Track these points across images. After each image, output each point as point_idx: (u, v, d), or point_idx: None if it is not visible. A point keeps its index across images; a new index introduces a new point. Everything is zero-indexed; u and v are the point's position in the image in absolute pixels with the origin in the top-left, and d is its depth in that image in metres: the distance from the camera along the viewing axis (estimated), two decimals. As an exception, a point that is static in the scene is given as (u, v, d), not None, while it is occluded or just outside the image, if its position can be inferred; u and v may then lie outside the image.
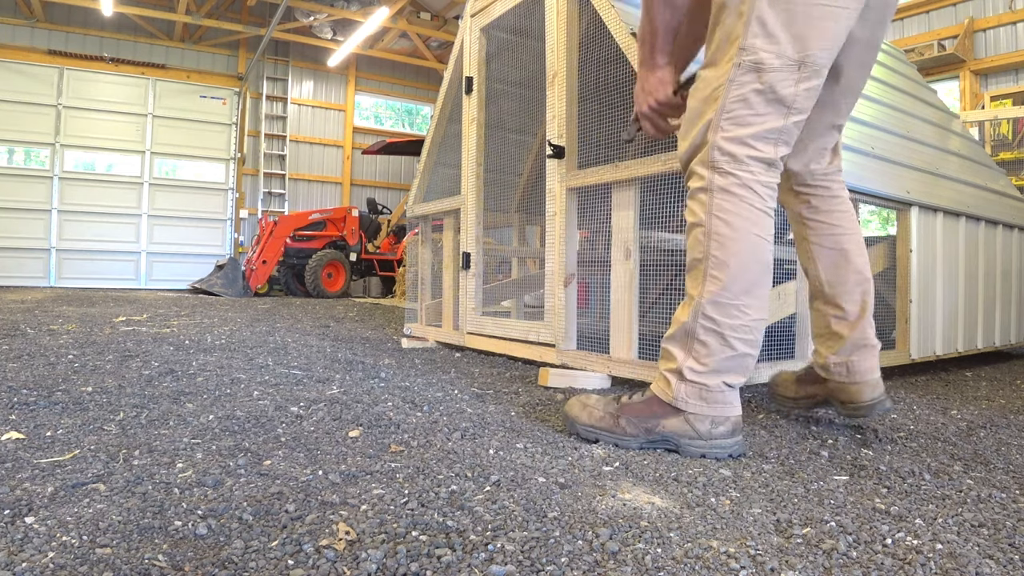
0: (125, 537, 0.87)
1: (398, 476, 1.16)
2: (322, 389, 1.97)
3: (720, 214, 1.33)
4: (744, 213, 1.32)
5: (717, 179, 1.33)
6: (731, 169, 1.32)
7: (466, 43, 3.02)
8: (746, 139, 1.32)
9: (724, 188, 1.33)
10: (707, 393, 1.35)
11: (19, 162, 9.90)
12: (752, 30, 1.29)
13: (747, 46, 1.30)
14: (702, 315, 1.34)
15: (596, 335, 2.38)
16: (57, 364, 2.26)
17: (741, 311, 1.34)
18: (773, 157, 1.34)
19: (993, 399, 2.15)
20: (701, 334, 1.34)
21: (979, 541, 0.92)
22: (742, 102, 1.31)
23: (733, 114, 1.32)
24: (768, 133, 1.33)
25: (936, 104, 3.46)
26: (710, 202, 1.34)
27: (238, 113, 11.16)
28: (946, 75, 6.92)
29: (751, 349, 1.36)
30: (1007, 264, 3.13)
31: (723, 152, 1.33)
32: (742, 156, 1.32)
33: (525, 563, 0.82)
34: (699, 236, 1.36)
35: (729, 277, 1.32)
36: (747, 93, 1.31)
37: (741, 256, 1.32)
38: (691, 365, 1.35)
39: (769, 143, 1.33)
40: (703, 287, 1.34)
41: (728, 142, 1.32)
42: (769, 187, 1.35)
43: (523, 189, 3.63)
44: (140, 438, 1.37)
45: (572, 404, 1.49)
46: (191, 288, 9.01)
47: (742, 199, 1.32)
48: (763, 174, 1.34)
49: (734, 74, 1.32)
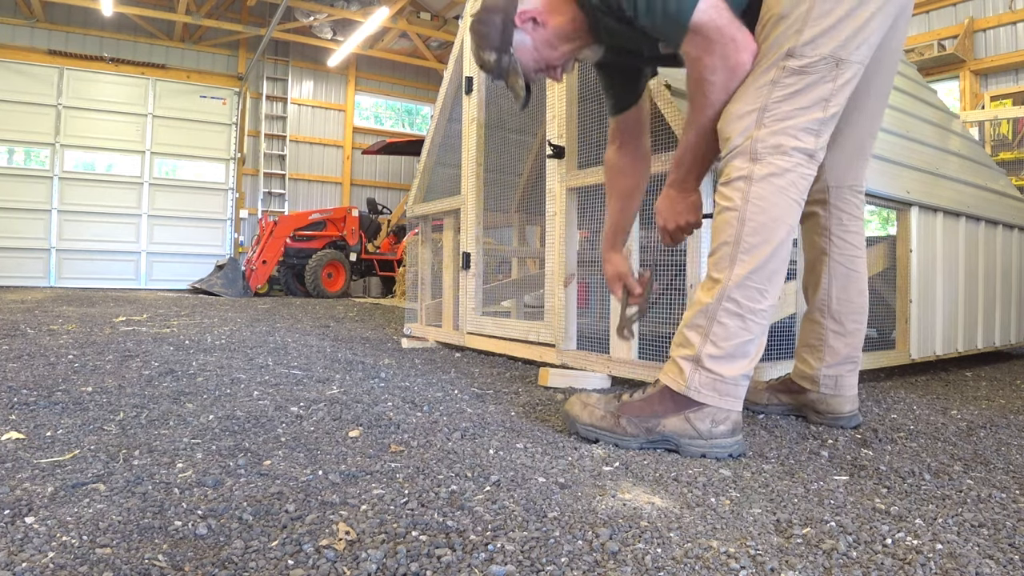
0: (125, 537, 0.87)
1: (398, 476, 1.16)
2: (322, 389, 1.97)
3: (758, 200, 1.34)
4: (781, 203, 1.35)
5: (758, 169, 1.35)
6: (774, 159, 1.35)
7: (466, 43, 3.02)
8: (789, 130, 1.35)
9: (765, 177, 1.35)
10: (721, 385, 1.35)
11: (19, 162, 9.90)
12: (804, 37, 1.34)
13: (796, 52, 1.35)
14: (727, 297, 1.35)
15: (596, 335, 2.38)
16: (57, 364, 2.26)
17: (763, 295, 1.36)
18: (814, 148, 1.37)
19: (993, 399, 2.15)
20: (723, 316, 1.35)
21: (979, 541, 0.92)
22: (785, 100, 1.35)
23: (777, 111, 1.35)
24: (810, 124, 1.36)
25: (936, 104, 3.46)
26: (748, 189, 1.35)
27: (238, 113, 11.16)
28: (946, 75, 6.92)
29: (763, 334, 1.39)
30: (1007, 264, 3.13)
31: (766, 144, 1.35)
32: (787, 147, 1.35)
33: (525, 563, 0.82)
34: (731, 220, 1.37)
35: (759, 262, 1.34)
36: (790, 93, 1.35)
37: (773, 243, 1.35)
38: (709, 351, 1.36)
39: (811, 134, 1.36)
40: (731, 270, 1.35)
41: (772, 135, 1.35)
42: (806, 179, 1.38)
43: (523, 189, 3.63)
44: (140, 438, 1.37)
45: (572, 403, 1.50)
46: (191, 288, 9.01)
47: (782, 190, 1.35)
48: (804, 165, 1.37)
49: (777, 76, 1.36)
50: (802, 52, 1.34)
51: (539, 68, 1.58)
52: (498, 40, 1.51)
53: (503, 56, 1.52)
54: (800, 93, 1.35)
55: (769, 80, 1.36)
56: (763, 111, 1.36)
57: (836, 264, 1.67)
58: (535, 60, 1.55)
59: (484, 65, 1.57)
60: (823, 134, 1.38)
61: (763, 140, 1.35)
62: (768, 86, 1.36)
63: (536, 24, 1.52)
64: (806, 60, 1.34)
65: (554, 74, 1.61)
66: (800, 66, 1.34)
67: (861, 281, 1.68)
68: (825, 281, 1.68)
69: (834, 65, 1.35)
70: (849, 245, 1.67)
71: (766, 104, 1.36)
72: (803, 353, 1.73)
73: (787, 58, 1.35)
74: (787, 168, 1.35)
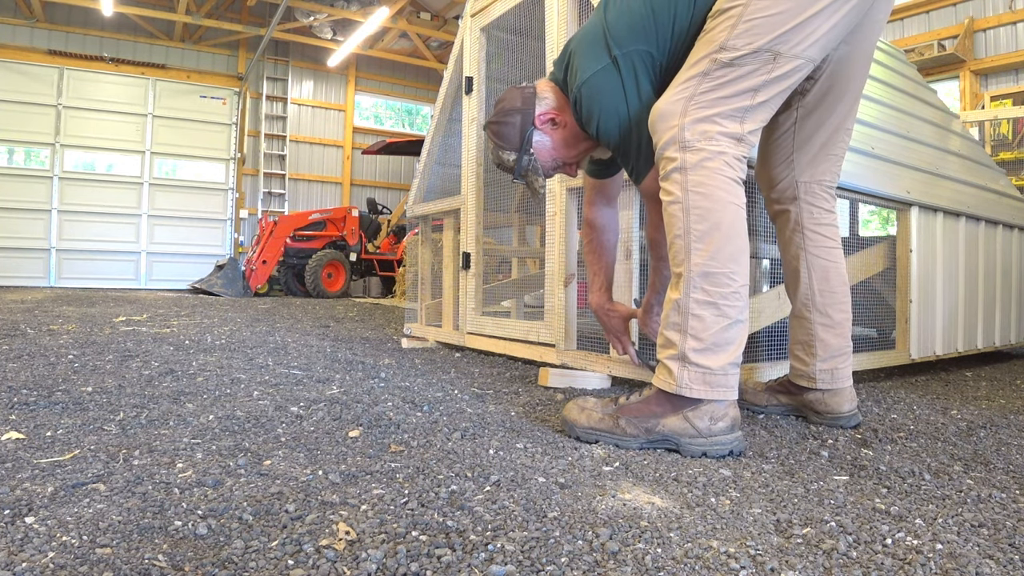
0: (125, 537, 0.87)
1: (398, 476, 1.16)
2: (322, 389, 1.97)
3: (696, 188, 1.35)
4: (720, 184, 1.35)
5: (689, 156, 1.36)
6: (702, 145, 1.36)
7: (466, 43, 3.02)
8: (713, 117, 1.36)
9: (697, 164, 1.36)
10: (711, 377, 1.35)
11: (19, 162, 9.90)
12: (737, 31, 1.35)
13: (728, 45, 1.36)
14: (693, 287, 1.35)
15: (596, 335, 2.38)
16: (57, 364, 2.26)
17: (730, 278, 1.36)
18: (740, 132, 1.38)
19: (993, 399, 2.14)
20: (695, 308, 1.35)
21: (979, 541, 0.92)
22: (711, 91, 1.37)
23: (702, 100, 1.37)
24: (734, 112, 1.37)
25: (936, 104, 3.46)
26: (684, 180, 1.36)
27: (238, 113, 11.16)
28: (946, 75, 6.92)
29: (743, 316, 1.39)
30: (1007, 264, 3.13)
31: (693, 131, 1.36)
32: (712, 132, 1.36)
33: (525, 563, 0.82)
34: (676, 212, 1.38)
35: (715, 247, 1.35)
36: (717, 84, 1.37)
37: (723, 225, 1.35)
38: (691, 345, 1.36)
39: (735, 120, 1.37)
40: (689, 261, 1.36)
41: (696, 122, 1.36)
42: (739, 159, 1.39)
43: (523, 189, 3.63)
44: (140, 438, 1.37)
45: (570, 408, 1.49)
46: (191, 288, 9.01)
47: (716, 171, 1.35)
48: (732, 148, 1.37)
49: (708, 68, 1.37)
50: (733, 45, 1.35)
51: (556, 166, 1.64)
52: (518, 140, 1.57)
53: (523, 156, 1.57)
54: (727, 84, 1.36)
55: (700, 72, 1.38)
56: (689, 100, 1.37)
57: (813, 257, 1.68)
58: (553, 159, 1.61)
59: (503, 164, 1.61)
60: (748, 120, 1.38)
61: (689, 128, 1.36)
62: (698, 78, 1.38)
63: (555, 124, 1.58)
64: (737, 53, 1.35)
65: (570, 171, 1.67)
66: (731, 59, 1.35)
67: (841, 271, 1.69)
68: (805, 276, 1.68)
69: (771, 59, 1.35)
70: (823, 237, 1.68)
71: (693, 95, 1.38)
72: (796, 351, 1.73)
73: (720, 51, 1.36)
74: (717, 151, 1.36)
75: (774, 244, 2.34)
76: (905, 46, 6.93)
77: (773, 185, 1.72)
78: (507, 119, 1.58)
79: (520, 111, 1.57)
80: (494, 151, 1.62)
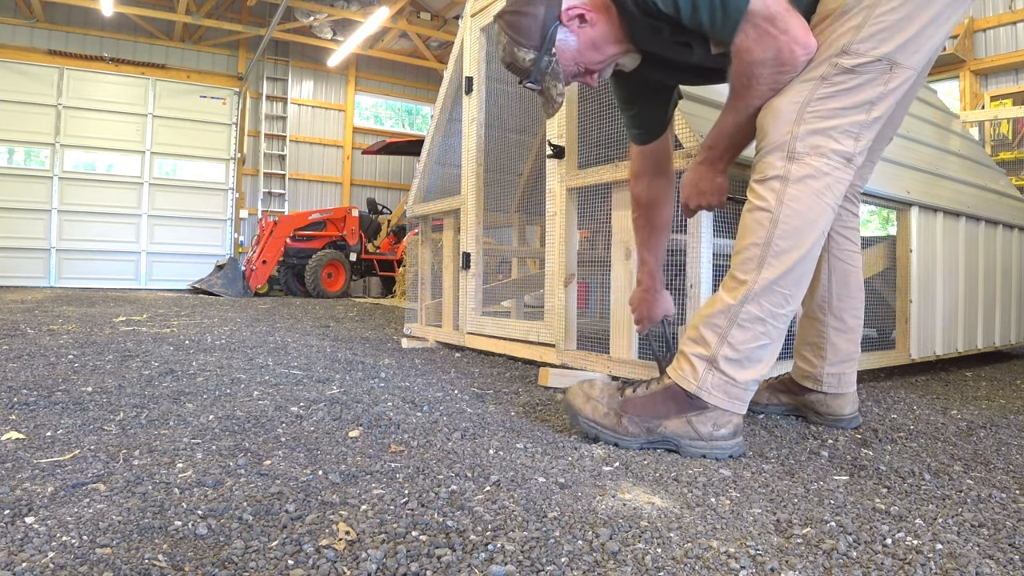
0: (125, 537, 0.87)
1: (398, 476, 1.16)
2: (322, 389, 1.97)
3: (793, 203, 1.29)
4: (816, 207, 1.30)
5: (795, 169, 1.29)
6: (811, 160, 1.29)
7: (466, 43, 3.02)
8: (828, 131, 1.30)
9: (802, 178, 1.29)
10: (732, 388, 1.34)
11: (19, 162, 9.89)
12: (862, 34, 1.28)
13: (852, 49, 1.29)
14: (752, 300, 1.31)
15: (596, 335, 2.38)
16: (57, 364, 2.26)
17: (787, 301, 1.32)
18: (853, 152, 1.32)
19: (993, 399, 2.14)
20: (744, 319, 1.31)
21: (979, 541, 0.92)
22: (829, 98, 1.30)
23: (819, 108, 1.30)
24: (851, 127, 1.31)
25: (936, 104, 3.46)
26: (783, 190, 1.30)
27: (238, 113, 11.16)
28: (946, 75, 6.92)
29: (780, 340, 1.36)
30: (1007, 264, 3.13)
31: (805, 143, 1.30)
32: (825, 148, 1.30)
33: (525, 563, 0.82)
34: (763, 221, 1.31)
35: (788, 267, 1.30)
36: (836, 92, 1.29)
37: (803, 248, 1.31)
38: (726, 353, 1.32)
39: (851, 137, 1.31)
40: (758, 273, 1.31)
41: (812, 134, 1.30)
42: (842, 184, 1.33)
43: (523, 189, 3.63)
44: (140, 438, 1.37)
45: (575, 393, 1.46)
46: (191, 288, 9.01)
47: (817, 193, 1.30)
48: (841, 170, 1.31)
49: (827, 72, 1.30)
50: (857, 50, 1.28)
51: (577, 73, 1.42)
52: (539, 37, 1.34)
53: (543, 57, 1.35)
54: (847, 93, 1.29)
55: (818, 76, 1.30)
56: (805, 106, 1.29)
57: (836, 260, 1.66)
58: (576, 63, 1.40)
59: (515, 64, 1.38)
60: (863, 138, 1.32)
61: (802, 138, 1.29)
62: (816, 82, 1.30)
63: (583, 22, 1.37)
64: (860, 59, 1.28)
65: (591, 79, 1.45)
66: (853, 64, 1.28)
67: (859, 276, 1.69)
68: (825, 278, 1.67)
69: (888, 68, 1.29)
70: (848, 241, 1.68)
71: (809, 99, 1.29)
72: (804, 352, 1.72)
73: (841, 55, 1.29)
74: (825, 171, 1.29)
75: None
76: (905, 46, 6.92)
77: None
78: (528, 9, 1.34)
79: (544, 2, 1.35)
80: (507, 47, 1.37)
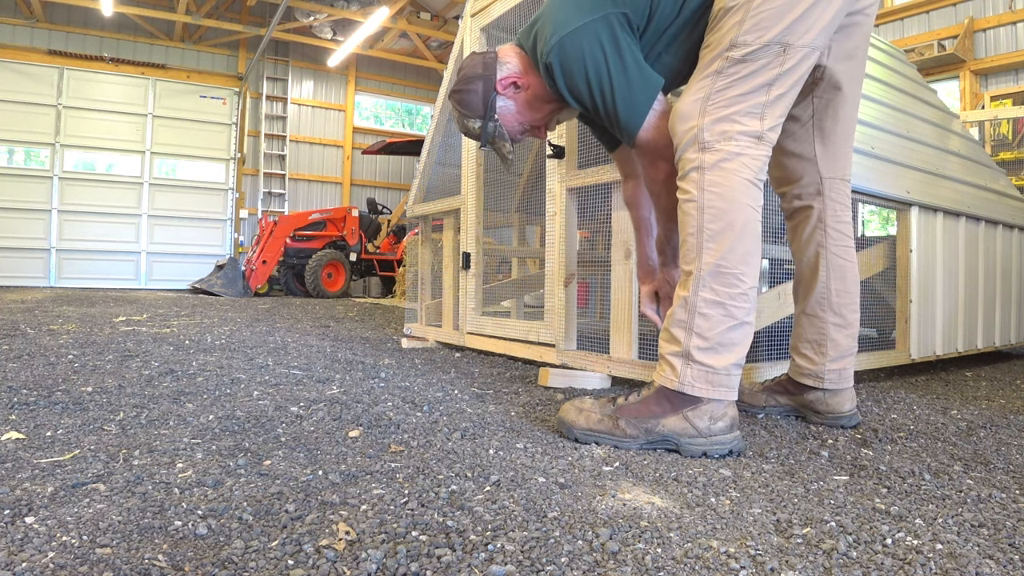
0: (125, 537, 0.87)
1: (398, 476, 1.16)
2: (322, 389, 1.97)
3: (713, 188, 1.36)
4: (737, 185, 1.36)
5: (707, 156, 1.37)
6: (721, 145, 1.36)
7: (466, 43, 3.02)
8: (731, 116, 1.37)
9: (715, 164, 1.36)
10: (713, 376, 1.36)
11: (19, 162, 9.90)
12: (745, 27, 1.36)
13: (739, 42, 1.36)
14: (703, 286, 1.36)
15: (596, 335, 2.38)
16: (57, 364, 2.26)
17: (739, 279, 1.36)
18: (760, 130, 1.38)
19: (993, 399, 2.14)
20: (703, 307, 1.36)
21: (979, 541, 0.92)
22: (726, 88, 1.37)
23: (718, 99, 1.37)
24: (752, 109, 1.37)
25: (936, 104, 3.46)
26: (701, 179, 1.37)
27: (238, 113, 11.16)
28: (946, 75, 6.92)
29: (750, 318, 1.39)
30: (1007, 264, 3.13)
31: (712, 131, 1.36)
32: (731, 132, 1.36)
33: (525, 563, 0.82)
34: (690, 211, 1.38)
35: (726, 247, 1.35)
36: (732, 82, 1.37)
37: (736, 226, 1.35)
38: (696, 343, 1.36)
39: (755, 117, 1.37)
40: (700, 260, 1.36)
41: (715, 122, 1.37)
42: (759, 160, 1.39)
43: (523, 189, 3.63)
44: (140, 438, 1.37)
45: (567, 410, 1.49)
46: (191, 288, 9.01)
47: (733, 172, 1.36)
48: (752, 148, 1.37)
49: (721, 66, 1.38)
50: (744, 41, 1.36)
51: (523, 130, 1.61)
52: (481, 108, 1.54)
53: (488, 123, 1.55)
54: (742, 80, 1.36)
55: (713, 71, 1.39)
56: (706, 101, 1.38)
57: (833, 256, 1.68)
58: (520, 123, 1.59)
59: (469, 133, 1.60)
60: (768, 116, 1.38)
61: (708, 128, 1.37)
62: (712, 76, 1.39)
63: (517, 88, 1.55)
64: (748, 49, 1.36)
65: (539, 133, 1.64)
66: (743, 54, 1.36)
67: (856, 271, 1.70)
68: (823, 275, 1.68)
69: (781, 51, 1.36)
70: (843, 236, 1.69)
71: (709, 94, 1.38)
72: (803, 349, 1.72)
73: (730, 48, 1.37)
74: (736, 152, 1.36)
75: (773, 244, 2.34)
76: (905, 46, 6.93)
77: (794, 180, 1.70)
78: (469, 86, 1.54)
79: (482, 77, 1.53)
80: (459, 120, 1.60)
